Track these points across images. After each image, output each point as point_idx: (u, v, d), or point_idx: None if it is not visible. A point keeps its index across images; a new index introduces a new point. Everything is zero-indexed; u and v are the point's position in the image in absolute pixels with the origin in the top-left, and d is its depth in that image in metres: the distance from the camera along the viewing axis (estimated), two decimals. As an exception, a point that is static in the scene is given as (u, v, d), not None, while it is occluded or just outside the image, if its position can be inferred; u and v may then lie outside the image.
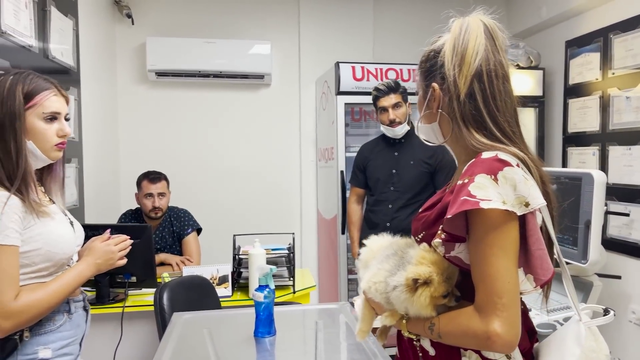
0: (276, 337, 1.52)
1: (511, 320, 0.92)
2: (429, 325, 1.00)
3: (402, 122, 2.74)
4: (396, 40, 4.11)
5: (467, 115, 1.03)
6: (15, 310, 1.23)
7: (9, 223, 1.23)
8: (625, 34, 2.98)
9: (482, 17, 1.07)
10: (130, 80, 3.81)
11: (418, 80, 1.16)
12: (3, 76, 1.35)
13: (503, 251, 0.93)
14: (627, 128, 2.96)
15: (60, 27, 2.57)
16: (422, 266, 0.97)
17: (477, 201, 0.91)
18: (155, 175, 2.96)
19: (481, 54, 1.02)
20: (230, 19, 3.91)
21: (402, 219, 2.73)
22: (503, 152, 0.98)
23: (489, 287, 0.92)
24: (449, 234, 0.96)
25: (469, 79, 1.02)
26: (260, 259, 2.38)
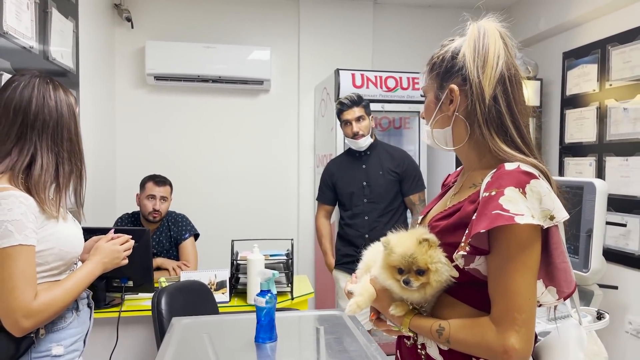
0: (277, 343, 1.51)
1: (528, 337, 0.92)
2: (437, 329, 0.99)
3: (365, 134, 2.78)
4: (395, 48, 4.14)
5: (491, 120, 1.01)
6: (36, 310, 1.26)
7: (27, 223, 1.25)
8: (623, 45, 3.00)
9: (495, 23, 1.06)
10: (128, 84, 3.80)
11: (427, 83, 1.13)
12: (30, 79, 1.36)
13: (527, 267, 0.92)
14: (625, 139, 2.98)
15: (60, 29, 2.56)
16: (399, 235, 1.05)
17: (512, 216, 0.89)
18: (161, 178, 2.97)
19: (502, 58, 1.02)
20: (230, 24, 3.92)
21: (380, 229, 2.76)
22: (524, 163, 0.97)
23: (509, 302, 0.92)
24: (473, 247, 0.94)
25: (493, 82, 1.00)
26: (259, 265, 2.37)
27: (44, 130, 1.35)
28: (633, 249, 2.84)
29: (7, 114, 1.33)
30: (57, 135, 1.37)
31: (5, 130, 1.32)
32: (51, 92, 1.38)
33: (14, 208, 1.23)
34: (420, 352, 1.08)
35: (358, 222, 2.81)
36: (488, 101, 1.00)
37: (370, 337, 1.54)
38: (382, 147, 2.90)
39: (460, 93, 1.05)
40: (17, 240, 1.22)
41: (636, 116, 2.90)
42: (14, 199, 1.24)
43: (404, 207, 2.86)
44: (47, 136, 1.35)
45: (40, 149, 1.34)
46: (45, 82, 1.38)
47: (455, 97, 1.05)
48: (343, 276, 2.84)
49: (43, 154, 1.34)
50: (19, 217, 1.23)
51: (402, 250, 1.00)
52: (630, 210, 2.87)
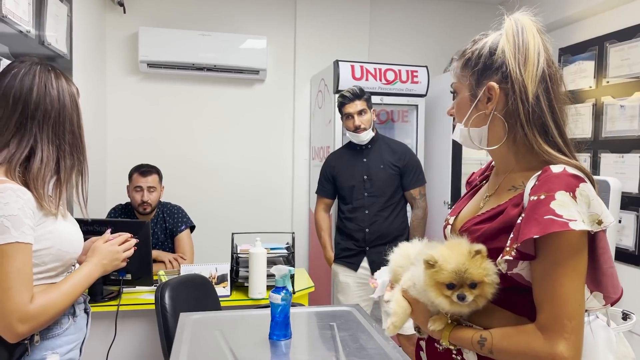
0: (292, 340, 1.48)
1: (578, 345, 0.90)
2: (479, 340, 0.96)
3: (367, 128, 2.76)
4: (392, 39, 4.12)
5: (535, 119, 0.98)
6: (32, 314, 1.17)
7: (25, 219, 1.17)
8: (622, 43, 3.03)
9: (530, 17, 1.03)
10: (120, 71, 3.70)
11: (460, 80, 1.09)
12: (30, 66, 1.28)
13: (576, 273, 0.91)
14: (621, 136, 3.02)
15: (55, 13, 2.47)
16: (442, 250, 0.99)
17: (565, 222, 0.87)
18: (147, 168, 2.88)
19: (543, 54, 0.99)
20: (226, 11, 3.84)
21: (381, 223, 2.77)
22: (569, 165, 0.95)
23: (558, 308, 0.90)
24: (520, 252, 0.91)
25: (536, 80, 0.97)
26: (262, 259, 2.34)
27: (45, 122, 1.27)
28: (627, 244, 2.89)
29: (6, 103, 1.24)
30: (58, 127, 1.29)
31: (3, 120, 1.24)
32: (53, 80, 1.30)
33: (11, 202, 1.15)
34: (456, 358, 1.05)
35: (358, 216, 2.79)
36: (531, 100, 0.97)
37: (385, 334, 1.52)
38: (383, 140, 2.88)
39: (499, 91, 1.01)
40: (14, 237, 1.14)
41: (633, 113, 2.94)
42: (11, 192, 1.16)
43: (404, 201, 2.86)
44: (48, 128, 1.27)
45: (40, 141, 1.26)
46: (46, 69, 1.30)
47: (495, 95, 1.01)
48: (342, 270, 2.83)
49: (43, 146, 1.26)
50: (16, 212, 1.15)
51: (455, 266, 0.96)
52: (625, 207, 2.90)
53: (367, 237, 2.75)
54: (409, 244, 1.20)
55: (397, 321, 1.06)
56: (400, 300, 1.08)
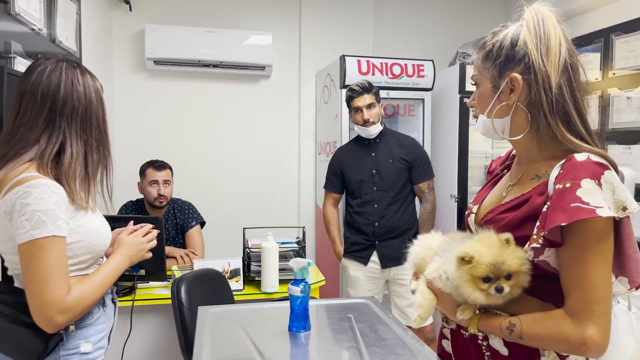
0: (311, 332, 1.50)
1: (607, 328, 0.92)
2: (508, 326, 0.98)
3: (375, 122, 2.76)
4: (396, 33, 4.13)
5: (558, 109, 0.99)
6: (70, 305, 1.20)
7: (60, 213, 1.19)
8: (627, 35, 3.04)
9: (548, 7, 1.05)
10: (127, 68, 3.71)
11: (481, 72, 1.11)
12: (56, 63, 1.30)
13: (603, 258, 0.92)
14: (627, 127, 3.03)
15: (65, 11, 2.48)
16: (474, 245, 0.99)
17: (592, 209, 0.89)
18: (161, 163, 2.93)
19: (564, 44, 1.01)
20: (232, 8, 3.85)
21: (390, 217, 2.78)
22: (592, 153, 0.96)
23: (587, 293, 0.92)
24: (547, 239, 0.94)
25: (559, 70, 0.99)
26: (274, 253, 2.35)
27: (73, 117, 1.30)
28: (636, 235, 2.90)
29: (34, 99, 1.27)
30: (86, 122, 1.32)
31: (33, 116, 1.27)
32: (79, 77, 1.33)
33: (46, 197, 1.17)
34: (482, 344, 1.07)
35: (368, 210, 2.80)
36: (555, 90, 0.98)
37: (404, 325, 1.54)
38: (391, 134, 2.89)
39: (522, 82, 1.02)
40: (51, 231, 1.17)
41: (639, 105, 2.95)
42: (46, 187, 1.19)
43: (413, 195, 2.87)
44: (76, 123, 1.30)
45: (69, 136, 1.29)
46: (72, 66, 1.33)
47: (518, 86, 1.03)
48: (352, 264, 2.85)
49: (72, 141, 1.29)
50: (51, 207, 1.18)
51: (492, 259, 0.97)
52: (635, 198, 2.92)
53: (377, 231, 2.77)
54: (429, 235, 1.21)
55: (423, 313, 1.08)
56: (425, 292, 1.09)
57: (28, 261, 1.17)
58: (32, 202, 1.16)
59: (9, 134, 1.27)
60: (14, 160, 1.24)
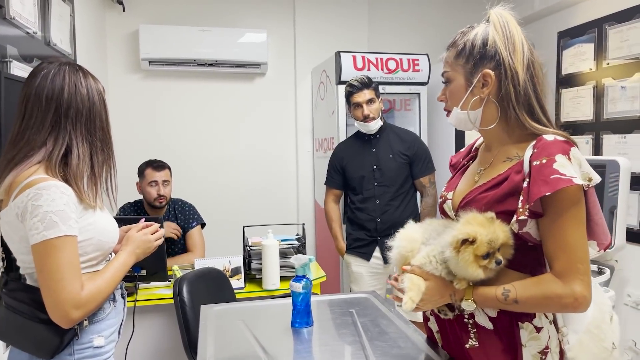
0: (313, 327, 1.51)
1: (590, 283, 1.04)
2: (503, 292, 1.07)
3: (375, 117, 2.76)
4: (391, 28, 4.13)
5: (523, 101, 1.12)
6: (84, 300, 1.24)
7: (70, 213, 1.23)
8: (621, 24, 3.05)
9: (508, 11, 1.16)
10: (122, 69, 3.71)
11: (454, 68, 1.20)
12: (59, 66, 1.32)
13: (579, 222, 1.04)
14: (622, 117, 3.05)
15: (59, 14, 2.47)
16: (468, 226, 1.07)
17: (570, 178, 1.00)
18: (159, 163, 2.93)
19: (526, 44, 1.12)
20: (226, 6, 3.84)
21: (392, 212, 2.78)
22: (557, 135, 1.08)
23: (572, 255, 1.03)
24: (531, 211, 1.03)
25: (524, 67, 1.11)
26: (274, 250, 2.36)
27: (78, 119, 1.33)
28: (632, 223, 2.92)
29: (39, 103, 1.30)
30: (90, 124, 1.35)
31: (39, 119, 1.30)
32: (82, 79, 1.35)
33: (57, 198, 1.21)
34: (467, 322, 1.15)
35: (369, 206, 2.80)
36: (522, 84, 1.11)
37: (405, 318, 1.56)
38: (391, 129, 2.89)
39: (494, 77, 1.13)
40: (63, 231, 1.20)
41: (634, 94, 2.97)
42: (55, 189, 1.22)
43: (414, 190, 2.87)
44: (81, 125, 1.34)
45: (75, 138, 1.32)
46: (74, 69, 1.36)
47: (491, 80, 1.13)
48: (355, 260, 2.85)
49: (78, 143, 1.32)
50: (62, 208, 1.21)
51: (490, 237, 1.05)
52: (630, 187, 2.94)
53: (379, 227, 2.77)
54: (408, 228, 1.27)
55: (413, 295, 1.14)
56: (413, 278, 1.16)
57: (43, 260, 1.21)
58: (43, 204, 1.20)
59: (16, 138, 1.30)
60: (22, 163, 1.27)
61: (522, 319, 1.10)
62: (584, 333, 1.11)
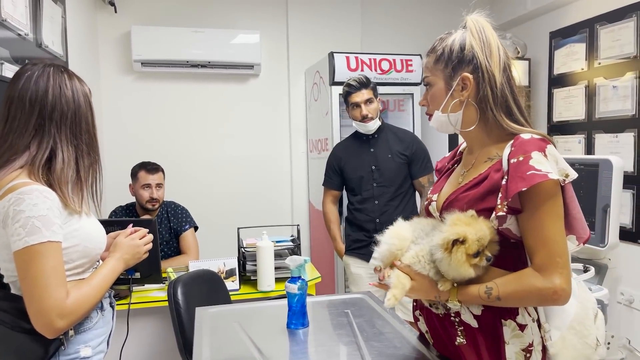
0: (309, 328, 1.51)
1: (570, 276, 1.06)
2: (485, 290, 1.09)
3: (374, 117, 2.75)
4: (384, 29, 4.14)
5: (500, 102, 1.16)
6: (70, 309, 1.20)
7: (54, 219, 1.19)
8: (612, 24, 3.07)
9: (484, 18, 1.21)
10: (114, 71, 3.68)
11: (434, 73, 1.24)
12: (43, 68, 1.29)
13: (558, 217, 1.07)
14: (614, 116, 3.07)
15: (51, 15, 2.46)
16: (456, 227, 1.08)
17: (545, 174, 1.03)
18: (153, 166, 2.91)
19: (501, 48, 1.16)
20: (218, 8, 3.83)
21: (391, 213, 2.75)
22: (534, 133, 1.11)
23: (551, 249, 1.05)
24: (510, 207, 1.06)
25: (500, 70, 1.15)
26: (269, 252, 2.36)
27: (63, 122, 1.29)
28: (624, 222, 2.95)
29: (22, 106, 1.26)
30: (75, 127, 1.32)
31: (22, 122, 1.25)
32: (67, 81, 1.32)
33: (39, 203, 1.17)
34: (454, 320, 1.18)
35: (368, 207, 2.78)
36: (499, 87, 1.14)
37: (401, 318, 1.56)
38: (389, 129, 2.87)
39: (473, 80, 1.17)
40: (46, 237, 1.16)
41: (625, 93, 2.99)
42: (38, 193, 1.18)
43: (413, 190, 2.86)
44: (65, 128, 1.30)
45: (60, 141, 1.28)
46: (59, 71, 1.32)
47: (470, 84, 1.17)
48: (354, 261, 2.83)
49: (63, 146, 1.28)
50: (45, 213, 1.17)
51: (478, 235, 1.06)
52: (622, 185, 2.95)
53: (378, 228, 2.73)
54: (398, 226, 1.27)
55: (397, 293, 1.15)
56: (400, 275, 1.17)
57: (25, 267, 1.17)
58: (25, 209, 1.16)
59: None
60: (4, 167, 1.23)
61: (505, 316, 1.12)
62: (567, 329, 1.13)
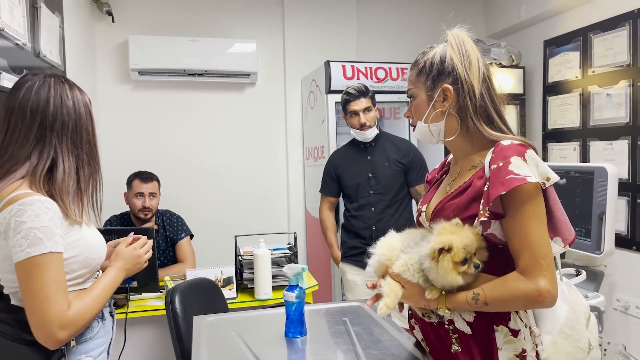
0: (307, 337, 1.51)
1: (554, 278, 1.07)
2: (472, 296, 1.10)
3: (372, 125, 2.78)
4: (379, 38, 4.16)
5: (481, 112, 1.20)
6: (71, 319, 1.20)
7: (55, 229, 1.19)
8: (605, 33, 3.11)
9: (465, 32, 1.25)
10: (111, 80, 3.70)
11: (416, 86, 1.28)
12: (44, 78, 1.30)
13: (540, 219, 1.09)
14: (608, 124, 3.10)
15: (49, 25, 2.47)
16: (442, 236, 1.10)
17: (523, 177, 1.06)
18: (148, 175, 2.92)
19: (481, 60, 1.21)
20: (215, 17, 3.86)
21: (387, 220, 2.78)
22: (514, 139, 1.15)
23: (534, 251, 1.07)
24: (492, 212, 1.08)
25: (480, 80, 1.20)
26: (266, 260, 2.36)
27: (64, 132, 1.29)
28: (619, 229, 2.96)
29: (23, 116, 1.26)
30: (76, 137, 1.32)
31: (23, 132, 1.26)
32: (67, 91, 1.32)
33: (41, 214, 1.17)
34: (448, 327, 1.19)
35: (365, 214, 2.80)
36: (478, 96, 1.19)
37: (398, 325, 1.56)
38: (386, 137, 2.90)
39: (453, 91, 1.21)
40: (48, 248, 1.17)
41: (619, 101, 3.01)
42: (40, 204, 1.18)
43: (409, 198, 2.88)
44: (67, 138, 1.30)
45: (61, 151, 1.28)
46: (60, 81, 1.33)
47: (450, 94, 1.22)
48: (350, 268, 2.83)
49: (64, 157, 1.29)
50: (47, 224, 1.17)
51: (464, 242, 1.08)
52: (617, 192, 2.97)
53: (375, 235, 2.76)
54: (388, 237, 1.30)
55: (389, 302, 1.18)
56: (392, 284, 1.19)
57: (27, 279, 1.16)
58: (27, 220, 1.16)
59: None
60: (5, 178, 1.23)
61: (497, 322, 1.13)
62: (558, 334, 1.14)
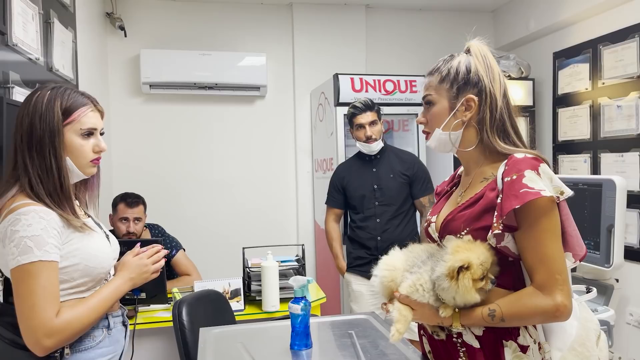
0: (313, 349, 1.51)
1: (570, 292, 1.07)
2: (489, 313, 1.09)
3: (377, 139, 2.83)
4: (388, 51, 4.19)
5: (497, 125, 1.20)
6: (58, 328, 1.21)
7: (48, 239, 1.22)
8: (615, 45, 3.10)
9: (485, 44, 1.26)
10: (123, 93, 3.75)
11: (438, 92, 1.26)
12: (40, 91, 1.33)
13: (555, 234, 1.09)
14: (619, 136, 3.07)
15: (62, 40, 2.52)
16: (458, 254, 1.08)
17: (538, 191, 1.05)
18: (134, 199, 2.84)
19: (502, 74, 1.22)
20: (225, 31, 3.91)
21: (392, 231, 2.81)
22: (528, 153, 1.15)
23: (550, 266, 1.07)
24: (505, 225, 1.08)
25: (501, 94, 1.21)
26: (274, 272, 2.36)
27: (23, 140, 1.30)
28: (631, 242, 2.92)
29: (16, 138, 1.31)
30: (38, 145, 1.30)
31: (13, 152, 1.31)
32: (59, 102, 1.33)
33: (34, 224, 1.21)
34: (456, 341, 1.19)
35: (370, 225, 2.83)
36: (498, 110, 1.20)
37: (404, 339, 1.55)
38: (391, 150, 2.95)
39: (477, 102, 1.21)
40: (37, 257, 1.19)
41: (630, 113, 2.99)
42: (34, 214, 1.22)
43: (414, 209, 2.91)
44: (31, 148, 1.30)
45: (55, 161, 1.30)
46: (58, 90, 1.35)
47: (474, 105, 1.21)
48: (355, 279, 2.85)
49: (60, 165, 1.31)
50: (38, 233, 1.20)
51: (481, 259, 1.08)
52: (628, 205, 2.93)
53: (380, 245, 2.79)
54: (390, 256, 1.29)
55: (401, 327, 1.16)
56: (401, 309, 1.18)
57: (17, 286, 1.20)
58: (20, 229, 1.20)
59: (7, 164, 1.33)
60: (10, 190, 1.29)
61: (506, 337, 1.12)
62: (568, 351, 1.13)
